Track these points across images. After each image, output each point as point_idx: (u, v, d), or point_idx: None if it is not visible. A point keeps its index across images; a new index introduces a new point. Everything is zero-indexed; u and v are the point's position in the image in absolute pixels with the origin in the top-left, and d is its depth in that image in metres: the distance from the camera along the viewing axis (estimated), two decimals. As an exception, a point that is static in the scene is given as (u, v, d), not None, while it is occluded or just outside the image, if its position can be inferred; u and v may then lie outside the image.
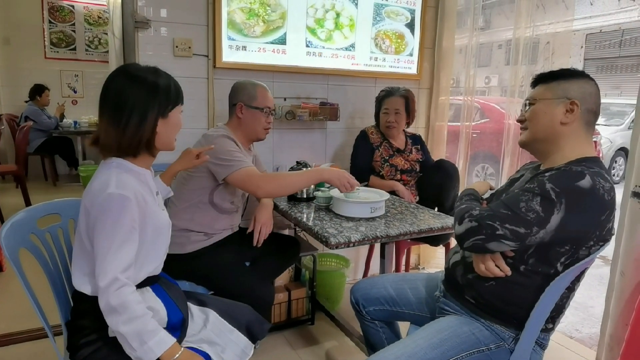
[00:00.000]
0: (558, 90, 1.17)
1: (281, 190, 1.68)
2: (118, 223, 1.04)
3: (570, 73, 1.19)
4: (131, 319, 1.03)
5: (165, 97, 1.14)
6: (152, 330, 1.05)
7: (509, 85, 2.55)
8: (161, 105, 1.14)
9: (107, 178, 1.08)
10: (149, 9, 2.11)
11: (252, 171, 1.64)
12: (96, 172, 1.13)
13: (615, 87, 10.90)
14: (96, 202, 1.06)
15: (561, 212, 1.04)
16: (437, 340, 1.18)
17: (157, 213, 1.18)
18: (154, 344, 1.03)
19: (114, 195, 1.05)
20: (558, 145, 1.18)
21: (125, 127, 1.10)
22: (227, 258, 1.74)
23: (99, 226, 1.05)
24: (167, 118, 1.16)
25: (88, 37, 5.88)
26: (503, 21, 9.89)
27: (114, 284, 1.02)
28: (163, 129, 1.15)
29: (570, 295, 1.20)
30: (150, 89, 1.12)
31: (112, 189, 1.05)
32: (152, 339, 1.03)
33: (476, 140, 4.76)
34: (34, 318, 1.20)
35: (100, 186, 1.07)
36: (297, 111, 2.42)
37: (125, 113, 1.10)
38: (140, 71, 1.15)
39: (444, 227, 1.68)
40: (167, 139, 1.18)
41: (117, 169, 1.11)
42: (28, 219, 1.28)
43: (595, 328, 2.45)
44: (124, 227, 1.05)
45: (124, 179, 1.09)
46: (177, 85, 1.20)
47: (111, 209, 1.04)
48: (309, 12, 2.44)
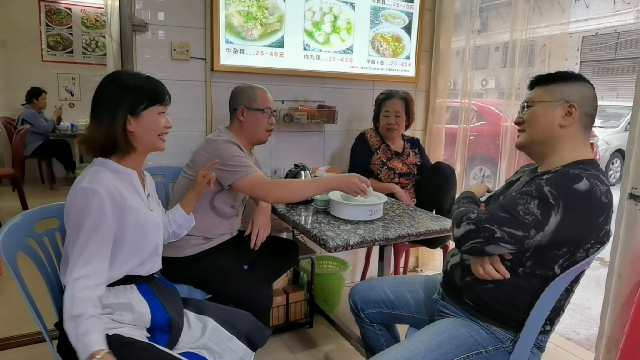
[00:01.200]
0: (556, 93, 1.18)
1: (291, 196, 1.69)
2: (85, 214, 1.08)
3: (568, 76, 1.19)
4: (72, 317, 1.02)
5: (135, 95, 1.17)
6: (85, 332, 1.01)
7: (505, 87, 2.56)
8: (129, 104, 1.16)
9: (84, 175, 1.14)
10: (147, 12, 2.11)
11: (260, 177, 1.65)
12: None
13: (612, 90, 10.95)
14: (69, 196, 1.11)
15: (559, 214, 1.05)
16: (436, 342, 1.18)
17: (140, 211, 1.20)
18: (81, 348, 1.00)
19: (84, 188, 1.09)
20: (555, 147, 1.19)
21: (99, 125, 1.15)
22: (225, 261, 1.74)
23: (69, 218, 1.09)
24: (139, 117, 1.18)
25: (85, 40, 5.87)
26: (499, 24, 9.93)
27: (72, 273, 1.05)
28: (137, 128, 1.18)
29: (568, 297, 1.20)
30: (120, 87, 1.17)
31: (84, 184, 1.10)
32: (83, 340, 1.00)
33: (473, 142, 4.77)
34: (32, 322, 1.20)
35: (77, 181, 1.13)
36: (295, 114, 2.42)
37: (98, 112, 1.16)
38: (123, 74, 1.21)
39: (442, 229, 1.68)
40: (146, 138, 1.20)
41: (97, 167, 1.16)
42: (26, 223, 1.27)
43: (593, 330, 2.45)
44: (91, 219, 1.08)
45: (100, 176, 1.13)
46: (155, 87, 1.21)
47: (80, 200, 1.09)
48: (307, 15, 2.45)
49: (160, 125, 1.22)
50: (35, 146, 4.97)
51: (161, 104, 1.22)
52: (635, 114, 1.58)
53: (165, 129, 1.24)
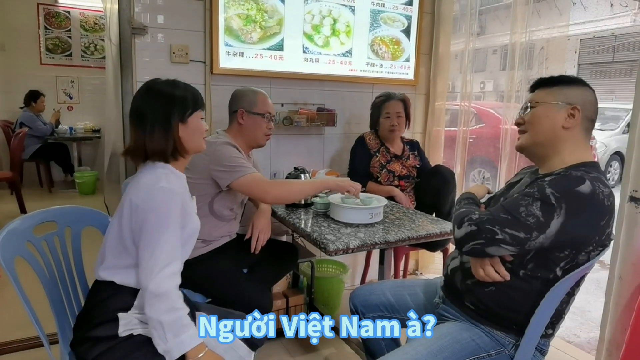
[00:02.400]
0: (560, 95, 1.17)
1: (289, 196, 1.73)
2: (170, 214, 1.13)
3: (571, 80, 1.20)
4: (173, 309, 1.09)
5: (183, 104, 1.23)
6: (187, 325, 1.11)
7: (505, 90, 2.56)
8: (179, 113, 1.22)
9: (156, 175, 1.17)
10: (146, 15, 2.11)
11: (258, 177, 1.66)
12: (142, 172, 1.21)
13: (610, 92, 10.98)
14: (148, 195, 1.13)
15: (561, 217, 1.04)
16: (437, 347, 1.17)
17: (193, 216, 1.28)
18: (186, 338, 1.09)
19: (165, 189, 1.14)
20: (557, 149, 1.18)
21: (151, 135, 1.19)
22: (224, 265, 1.73)
23: (153, 216, 1.11)
24: (187, 123, 1.23)
25: (84, 43, 5.87)
26: (498, 27, 9.95)
27: (163, 271, 1.08)
28: (184, 133, 1.23)
29: (570, 300, 1.20)
30: (168, 98, 1.22)
31: (164, 184, 1.15)
32: (185, 332, 1.09)
33: (473, 145, 4.77)
34: (30, 327, 1.19)
35: (151, 182, 1.15)
36: (294, 117, 2.42)
37: (146, 123, 1.19)
38: (160, 84, 1.25)
39: (442, 232, 1.68)
40: (193, 142, 1.26)
41: (163, 170, 1.20)
42: (24, 227, 1.26)
43: (594, 332, 2.45)
44: (174, 219, 1.13)
45: (172, 178, 1.19)
46: (194, 93, 1.28)
47: (163, 200, 1.13)
48: (306, 18, 2.45)
49: (203, 128, 1.29)
50: (34, 149, 4.96)
51: (201, 109, 1.29)
52: (635, 117, 1.58)
53: (205, 131, 1.31)
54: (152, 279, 1.08)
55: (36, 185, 5.41)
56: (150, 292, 1.07)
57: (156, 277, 1.08)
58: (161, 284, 1.08)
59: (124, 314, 1.16)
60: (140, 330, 1.17)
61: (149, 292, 1.08)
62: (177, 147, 1.22)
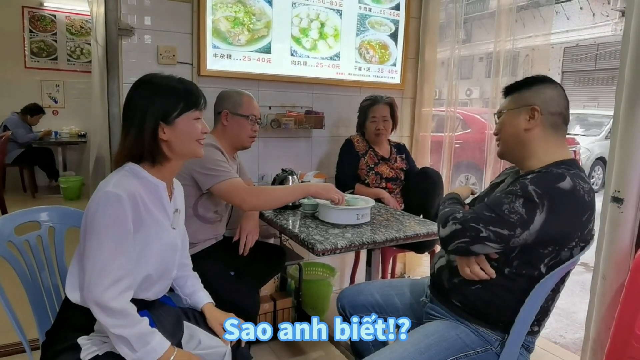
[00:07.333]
0: (520, 100, 1.21)
1: (267, 204, 1.70)
2: (112, 220, 1.02)
3: (532, 80, 1.22)
4: (134, 323, 1.02)
5: (166, 100, 1.11)
6: (152, 332, 1.05)
7: (490, 96, 2.60)
8: (160, 109, 1.10)
9: (109, 179, 1.07)
10: (133, 16, 2.10)
11: (237, 183, 1.63)
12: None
13: (593, 99, 11.21)
14: (92, 200, 1.05)
15: (544, 213, 1.06)
16: (424, 345, 1.18)
17: (161, 228, 1.13)
18: (156, 344, 1.04)
19: (108, 193, 1.02)
20: (530, 150, 1.21)
21: (127, 132, 1.10)
22: (211, 267, 1.71)
23: (95, 223, 1.01)
24: (173, 125, 1.11)
25: (70, 47, 5.80)
26: (483, 35, 10.12)
27: (114, 287, 1.00)
28: (172, 137, 1.11)
29: (555, 297, 1.21)
30: (150, 90, 1.11)
31: (110, 188, 1.03)
32: (153, 339, 1.04)
33: (459, 150, 4.81)
34: (11, 332, 1.16)
35: (101, 185, 1.06)
36: (282, 119, 2.42)
37: (127, 119, 1.11)
38: (154, 77, 1.14)
39: (429, 233, 1.69)
40: (183, 146, 1.13)
41: (125, 172, 1.10)
42: (5, 227, 1.24)
43: (579, 333, 2.47)
44: (118, 226, 1.02)
45: (125, 181, 1.06)
46: (189, 90, 1.15)
47: (104, 205, 1.02)
48: (294, 21, 2.46)
49: (197, 132, 1.15)
50: (17, 154, 4.87)
51: (197, 109, 1.15)
52: (616, 121, 1.61)
53: (202, 134, 1.17)
54: (101, 294, 0.98)
55: (19, 190, 5.31)
56: (105, 308, 0.99)
57: (106, 292, 0.99)
58: (113, 302, 0.99)
59: (85, 340, 1.06)
60: (106, 348, 1.07)
61: (107, 310, 0.99)
62: (153, 150, 1.10)
